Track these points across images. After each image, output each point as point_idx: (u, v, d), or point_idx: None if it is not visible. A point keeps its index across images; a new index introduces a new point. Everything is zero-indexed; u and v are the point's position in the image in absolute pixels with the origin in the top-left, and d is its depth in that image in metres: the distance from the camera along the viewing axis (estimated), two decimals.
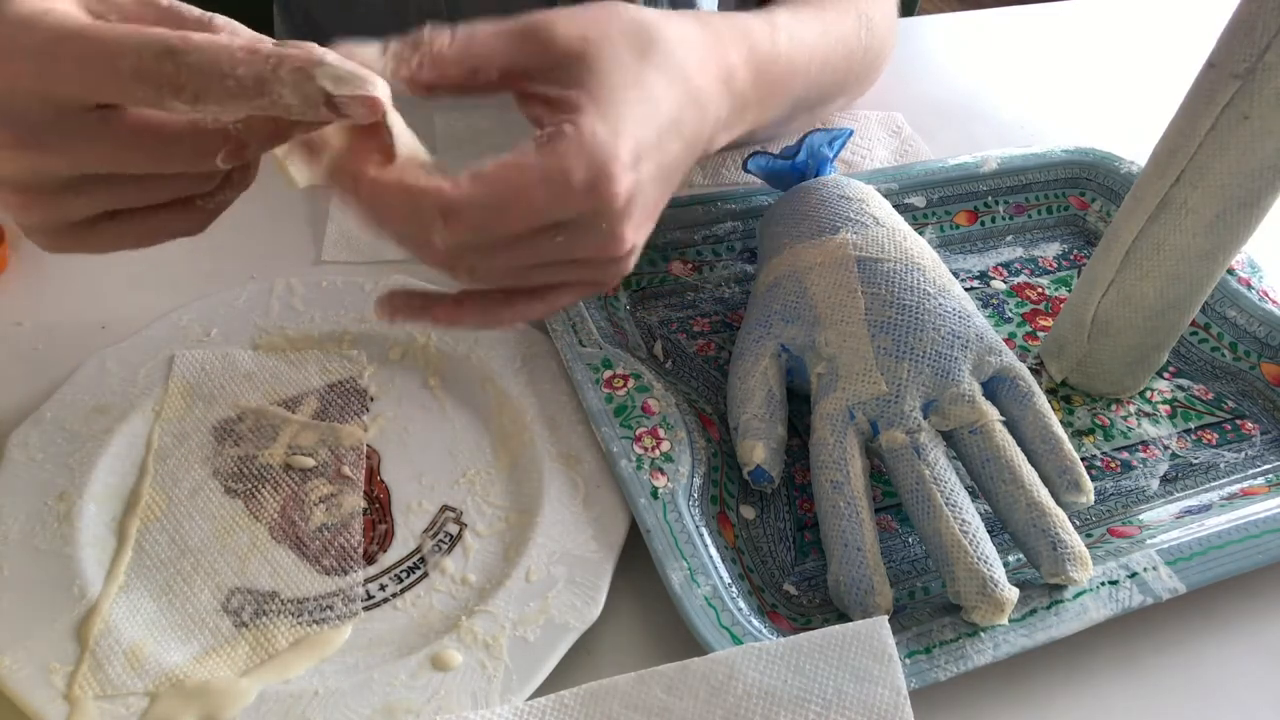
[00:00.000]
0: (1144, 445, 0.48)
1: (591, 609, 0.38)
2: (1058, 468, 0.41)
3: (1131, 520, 0.44)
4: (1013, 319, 0.55)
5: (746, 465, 0.42)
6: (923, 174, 0.59)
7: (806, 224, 0.48)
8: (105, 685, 0.34)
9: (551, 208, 0.34)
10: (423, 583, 0.40)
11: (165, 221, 0.35)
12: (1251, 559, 0.40)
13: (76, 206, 0.33)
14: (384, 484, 0.43)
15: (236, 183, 0.36)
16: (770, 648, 0.34)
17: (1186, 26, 0.89)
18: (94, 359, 0.45)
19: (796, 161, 0.53)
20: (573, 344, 0.46)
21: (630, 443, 0.42)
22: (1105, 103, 0.77)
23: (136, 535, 0.40)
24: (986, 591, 0.36)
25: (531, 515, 0.41)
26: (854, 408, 0.42)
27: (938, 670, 0.36)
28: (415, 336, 0.49)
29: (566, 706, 0.34)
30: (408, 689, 0.35)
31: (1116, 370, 0.49)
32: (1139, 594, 0.38)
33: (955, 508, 0.38)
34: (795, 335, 0.45)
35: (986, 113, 0.74)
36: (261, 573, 0.39)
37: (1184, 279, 0.45)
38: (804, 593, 0.41)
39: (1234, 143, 0.41)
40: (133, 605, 0.37)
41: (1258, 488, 0.46)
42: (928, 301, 0.44)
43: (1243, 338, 0.52)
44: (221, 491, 0.42)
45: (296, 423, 0.45)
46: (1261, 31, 0.39)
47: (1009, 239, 0.60)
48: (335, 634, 0.37)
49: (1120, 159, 0.62)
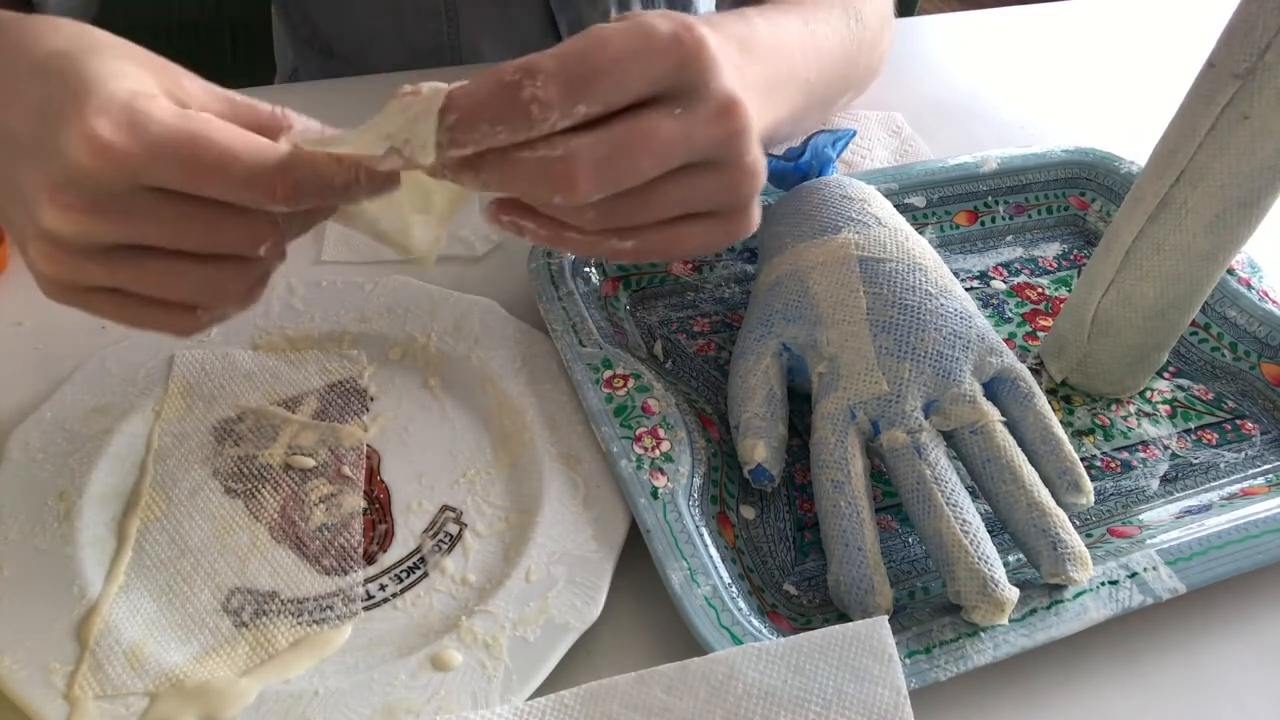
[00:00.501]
0: (1144, 445, 0.48)
1: (591, 609, 0.38)
2: (1058, 468, 0.41)
3: (1131, 520, 0.44)
4: (1013, 319, 0.55)
5: (747, 464, 0.42)
6: (923, 174, 0.59)
7: (809, 223, 0.48)
8: (105, 685, 0.34)
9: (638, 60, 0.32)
10: (423, 583, 0.40)
11: (161, 315, 0.36)
12: (1251, 559, 0.40)
13: (98, 275, 0.34)
14: (384, 484, 0.43)
15: (234, 301, 0.36)
16: (770, 648, 0.34)
17: (1186, 26, 0.89)
18: (94, 359, 0.45)
19: (800, 162, 0.53)
20: (573, 344, 0.46)
21: (630, 443, 0.42)
22: (1105, 103, 0.77)
23: (136, 535, 0.40)
24: (987, 591, 0.36)
25: (531, 515, 0.41)
26: (855, 407, 0.42)
27: (938, 670, 0.36)
28: (415, 336, 0.49)
29: (566, 706, 0.34)
30: (408, 689, 0.35)
31: (1116, 370, 0.49)
32: (1139, 594, 0.38)
33: (956, 508, 0.38)
34: (797, 334, 0.45)
35: (986, 113, 0.74)
36: (261, 573, 0.39)
37: (1184, 279, 0.45)
38: (804, 593, 0.41)
39: (1234, 143, 0.41)
40: (133, 605, 0.37)
41: (1258, 488, 0.46)
42: (929, 302, 0.44)
43: (1243, 338, 0.52)
44: (221, 491, 0.42)
45: (296, 423, 0.45)
46: (1261, 31, 0.39)
47: (1009, 239, 0.60)
48: (335, 634, 0.37)
49: (1120, 159, 0.61)
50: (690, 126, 0.33)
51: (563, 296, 0.49)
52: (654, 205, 0.34)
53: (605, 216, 0.34)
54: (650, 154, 0.33)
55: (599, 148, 0.32)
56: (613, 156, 0.32)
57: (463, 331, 0.49)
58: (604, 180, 0.32)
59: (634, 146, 0.32)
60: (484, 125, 0.31)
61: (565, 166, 0.31)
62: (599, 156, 0.32)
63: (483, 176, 0.32)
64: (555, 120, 0.31)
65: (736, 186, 0.36)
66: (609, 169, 0.32)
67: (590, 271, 0.52)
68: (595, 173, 0.32)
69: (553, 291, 0.49)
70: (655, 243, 0.36)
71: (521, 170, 0.32)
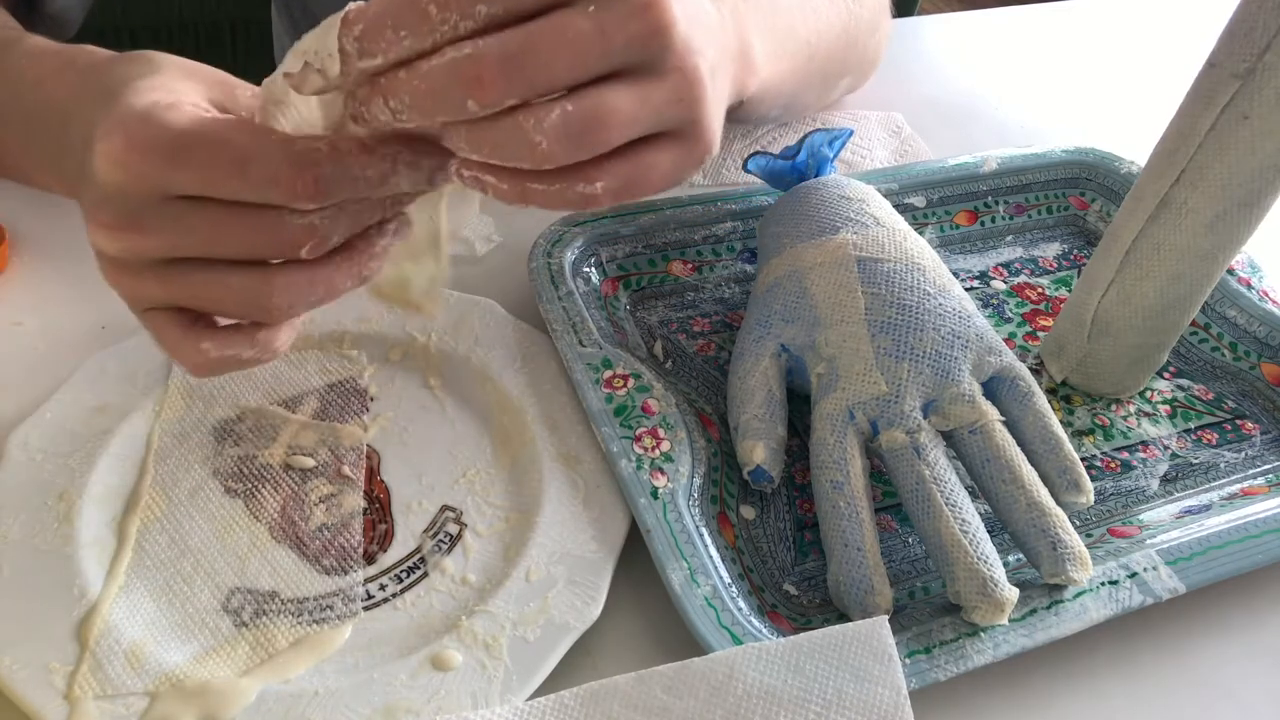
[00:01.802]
0: (1144, 445, 0.48)
1: (591, 609, 0.38)
2: (1058, 468, 0.41)
3: (1131, 520, 0.44)
4: (1013, 319, 0.55)
5: (746, 465, 0.42)
6: (923, 174, 0.59)
7: (807, 224, 0.48)
8: (105, 685, 0.34)
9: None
10: (423, 583, 0.40)
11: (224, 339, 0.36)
12: (1251, 559, 0.40)
13: (155, 291, 0.34)
14: (384, 484, 0.43)
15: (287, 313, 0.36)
16: (770, 648, 0.34)
17: (1186, 26, 0.89)
18: (94, 359, 0.45)
19: (797, 161, 0.53)
20: (573, 344, 0.46)
21: (630, 443, 0.42)
22: (1105, 103, 0.77)
23: (136, 535, 0.40)
24: (986, 591, 0.36)
25: (531, 515, 0.41)
26: (854, 408, 0.42)
27: (938, 670, 0.36)
28: (415, 336, 0.49)
29: (566, 706, 0.34)
30: (408, 689, 0.35)
31: (1116, 370, 0.49)
32: (1139, 594, 0.38)
33: (955, 508, 0.38)
34: (795, 335, 0.45)
35: (986, 113, 0.74)
36: (261, 573, 0.39)
37: (1184, 279, 0.45)
38: (804, 593, 0.41)
39: (1234, 143, 0.41)
40: (133, 605, 0.37)
41: (1258, 488, 0.46)
42: (928, 301, 0.44)
43: (1243, 338, 0.52)
44: (221, 491, 0.42)
45: (296, 423, 0.45)
46: (1261, 31, 0.39)
47: (1009, 239, 0.60)
48: (335, 634, 0.37)
49: (1120, 159, 0.62)
50: (604, 22, 0.31)
51: (563, 296, 0.49)
52: (604, 119, 0.32)
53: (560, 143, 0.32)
54: (565, 48, 0.31)
55: (506, 44, 0.30)
56: (522, 51, 0.30)
57: (463, 331, 0.49)
58: (515, 77, 0.30)
59: (545, 40, 0.30)
60: (388, 32, 0.30)
61: (472, 65, 0.30)
62: (507, 51, 0.30)
63: (392, 100, 0.31)
64: (455, 20, 0.30)
65: (683, 93, 0.33)
66: (520, 63, 0.30)
67: (590, 271, 0.52)
68: (504, 67, 0.30)
69: (553, 291, 0.49)
70: (623, 178, 0.34)
71: (429, 79, 0.30)
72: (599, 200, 0.34)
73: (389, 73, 0.31)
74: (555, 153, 0.32)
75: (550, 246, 0.51)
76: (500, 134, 0.32)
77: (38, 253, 0.52)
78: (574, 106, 0.31)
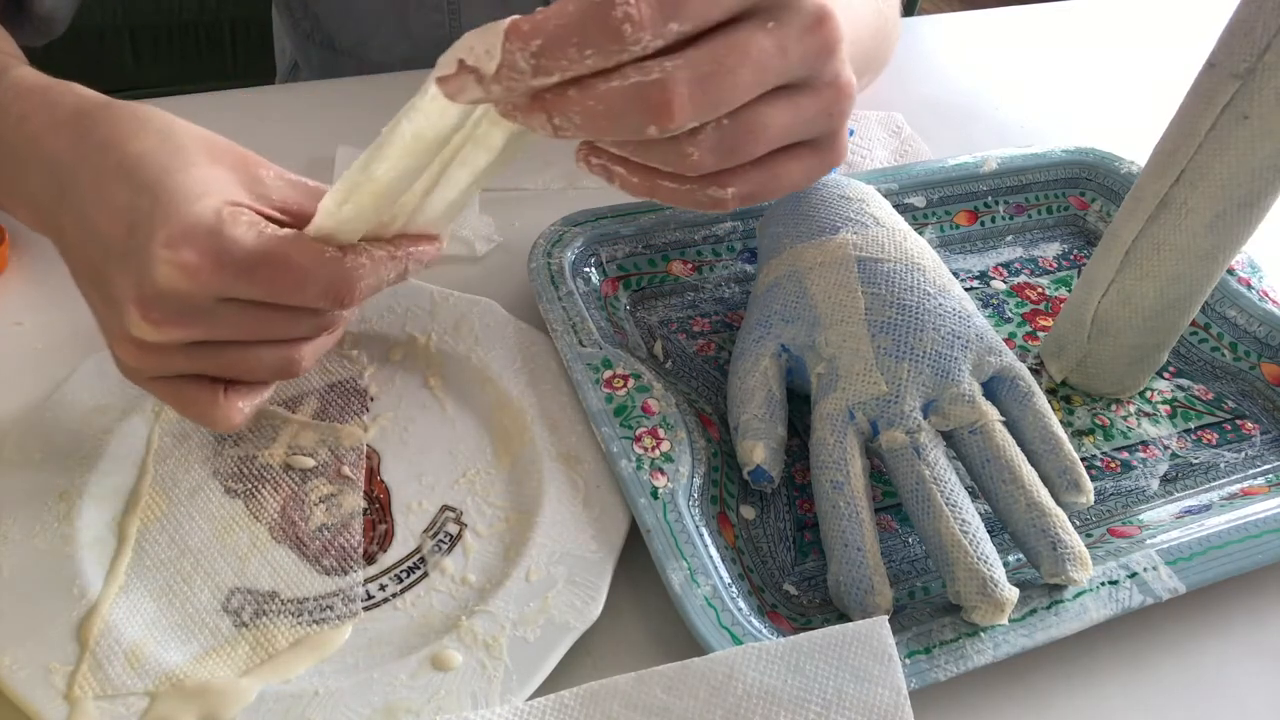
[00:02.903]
0: (1144, 445, 0.48)
1: (591, 609, 0.38)
2: (1058, 468, 0.41)
3: (1131, 520, 0.44)
4: (1013, 319, 0.55)
5: (746, 465, 0.42)
6: (923, 174, 0.59)
7: (806, 224, 0.48)
8: (105, 685, 0.34)
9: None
10: (423, 583, 0.40)
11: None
12: (1251, 559, 0.40)
13: (180, 365, 0.36)
14: (384, 484, 0.43)
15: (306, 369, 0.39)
16: (770, 648, 0.34)
17: (1186, 26, 0.89)
18: (94, 359, 0.45)
19: None
20: (573, 344, 0.46)
21: (630, 443, 0.42)
22: (1105, 103, 0.77)
23: (136, 535, 0.40)
24: (986, 591, 0.36)
25: (531, 515, 0.41)
26: (854, 408, 0.42)
27: (938, 670, 0.36)
28: (415, 336, 0.49)
29: (566, 706, 0.34)
30: (408, 689, 0.35)
31: (1116, 370, 0.49)
32: (1139, 594, 0.38)
33: (955, 508, 0.38)
34: (795, 335, 0.45)
35: (986, 113, 0.74)
36: (261, 573, 0.39)
37: (1184, 279, 0.45)
38: (804, 593, 0.41)
39: (1234, 143, 0.41)
40: (133, 605, 0.37)
41: (1258, 488, 0.46)
42: (928, 301, 0.44)
43: (1243, 338, 0.52)
44: (221, 491, 0.42)
45: (296, 423, 0.45)
46: (1261, 31, 0.39)
47: (1009, 239, 0.60)
48: (335, 634, 0.37)
49: (1120, 159, 0.62)
50: (784, 39, 0.30)
51: (563, 296, 0.49)
52: (759, 134, 0.31)
53: (712, 154, 0.31)
54: (749, 69, 0.29)
55: (697, 66, 0.29)
56: (712, 75, 0.29)
57: (463, 331, 0.49)
58: (702, 103, 0.29)
59: (732, 62, 0.29)
60: (572, 50, 0.28)
61: (660, 91, 0.28)
62: (697, 75, 0.29)
63: (556, 117, 0.30)
64: (647, 41, 0.28)
65: (833, 107, 0.33)
66: (708, 89, 0.29)
67: (590, 271, 0.52)
68: (693, 94, 0.29)
69: (553, 291, 0.49)
70: (756, 184, 0.33)
71: (609, 101, 0.29)
72: (726, 205, 0.33)
73: (557, 88, 0.29)
74: (706, 163, 0.31)
75: (550, 246, 0.51)
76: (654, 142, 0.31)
77: (38, 253, 0.52)
78: (731, 122, 0.31)
